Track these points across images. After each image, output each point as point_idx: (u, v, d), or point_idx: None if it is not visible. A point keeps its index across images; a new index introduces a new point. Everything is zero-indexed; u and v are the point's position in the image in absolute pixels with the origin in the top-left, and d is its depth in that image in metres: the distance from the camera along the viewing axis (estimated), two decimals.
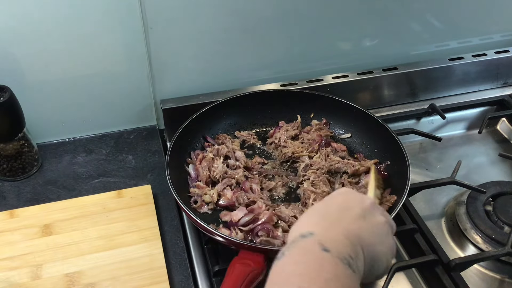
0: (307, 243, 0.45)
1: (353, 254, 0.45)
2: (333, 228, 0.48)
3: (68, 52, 0.90)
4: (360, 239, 0.49)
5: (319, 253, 0.43)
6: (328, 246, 0.44)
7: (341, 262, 0.43)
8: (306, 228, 0.47)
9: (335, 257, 0.43)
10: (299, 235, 0.47)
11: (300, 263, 0.42)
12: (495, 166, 1.02)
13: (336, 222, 0.49)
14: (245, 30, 0.98)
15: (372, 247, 0.50)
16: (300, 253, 0.44)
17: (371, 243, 0.50)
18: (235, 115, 0.99)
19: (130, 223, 0.83)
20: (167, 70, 0.98)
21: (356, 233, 0.49)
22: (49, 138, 1.01)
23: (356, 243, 0.48)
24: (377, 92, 1.10)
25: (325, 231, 0.47)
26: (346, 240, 0.47)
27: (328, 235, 0.46)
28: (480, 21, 1.13)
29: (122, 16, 0.88)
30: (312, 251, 0.44)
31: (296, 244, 0.45)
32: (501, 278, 0.82)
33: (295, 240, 0.46)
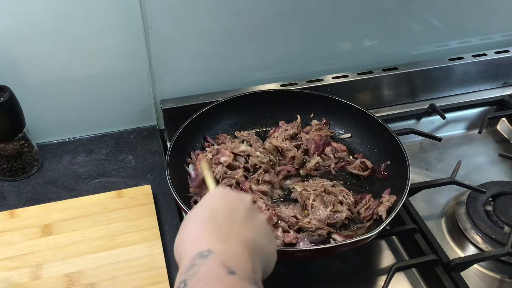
0: (210, 266, 0.41)
1: (254, 268, 0.44)
2: (230, 240, 0.46)
3: (68, 52, 0.90)
4: (255, 243, 0.48)
5: (226, 278, 0.40)
6: (232, 266, 0.41)
7: (248, 283, 0.41)
8: (202, 245, 0.44)
9: (242, 279, 0.41)
10: (196, 255, 0.43)
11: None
12: (495, 166, 1.02)
13: (230, 232, 0.47)
14: (245, 30, 0.98)
15: (265, 249, 0.50)
16: (205, 282, 0.40)
17: (263, 245, 0.50)
18: (235, 115, 0.99)
19: (130, 223, 0.83)
20: (167, 70, 0.98)
21: (251, 239, 0.48)
22: (49, 138, 1.01)
23: (254, 249, 0.47)
24: (377, 92, 1.10)
25: (223, 246, 0.44)
26: (245, 253, 0.45)
27: (228, 249, 0.44)
28: (480, 21, 1.13)
29: (122, 16, 0.88)
30: (217, 276, 0.40)
31: (198, 268, 0.41)
32: (501, 278, 0.82)
33: (194, 263, 0.42)
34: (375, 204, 0.84)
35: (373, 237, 0.75)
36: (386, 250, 0.85)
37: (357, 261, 0.84)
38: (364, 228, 0.82)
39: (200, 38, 0.96)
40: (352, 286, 0.81)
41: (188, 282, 0.41)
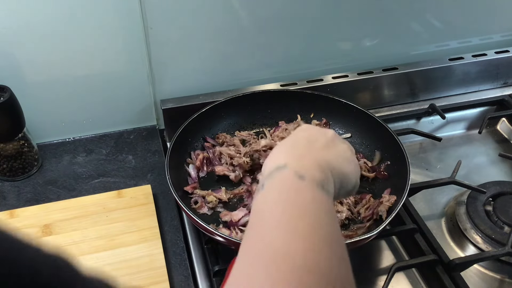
0: (284, 173, 0.49)
1: (325, 179, 0.50)
2: (305, 157, 0.52)
3: (68, 52, 0.90)
4: (328, 163, 0.53)
5: (296, 181, 0.47)
6: (303, 174, 0.48)
7: (316, 186, 0.48)
8: (280, 160, 0.51)
9: (310, 182, 0.48)
10: (274, 168, 0.50)
11: (281, 192, 0.47)
12: (495, 166, 1.02)
13: (306, 152, 0.54)
14: (245, 30, 0.98)
15: (339, 169, 0.55)
16: (279, 183, 0.48)
17: (338, 166, 0.55)
18: (235, 115, 0.99)
19: (130, 223, 0.83)
20: (167, 70, 0.98)
21: (324, 159, 0.53)
22: (49, 138, 1.01)
23: (326, 167, 0.52)
24: (377, 92, 1.10)
25: (298, 161, 0.51)
26: (317, 167, 0.51)
27: (301, 164, 0.50)
28: (480, 21, 1.13)
29: (122, 16, 0.88)
30: (289, 179, 0.48)
31: (274, 175, 0.49)
32: (501, 278, 0.82)
33: (272, 173, 0.49)
34: (375, 204, 0.84)
35: (373, 237, 0.75)
36: (386, 250, 0.85)
37: (357, 261, 0.83)
38: (364, 228, 0.82)
39: (200, 38, 0.96)
40: None
41: (265, 185, 0.48)
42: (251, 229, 0.45)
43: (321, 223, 0.44)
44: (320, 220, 0.44)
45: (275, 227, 0.42)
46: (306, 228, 0.42)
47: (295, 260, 0.39)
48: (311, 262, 0.40)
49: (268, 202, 0.46)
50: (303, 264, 0.39)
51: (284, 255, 0.39)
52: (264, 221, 0.44)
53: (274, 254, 0.39)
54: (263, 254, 0.40)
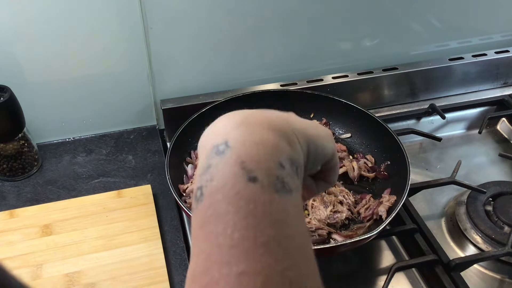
0: (226, 168, 0.35)
1: (283, 156, 0.36)
2: (251, 121, 0.38)
3: (68, 52, 0.90)
4: (285, 121, 0.40)
5: (247, 190, 0.34)
6: (253, 167, 0.34)
7: (275, 192, 0.34)
8: (220, 135, 0.37)
9: (266, 188, 0.34)
10: (212, 150, 0.36)
11: (227, 220, 0.33)
12: (495, 166, 1.02)
13: (254, 114, 0.40)
14: (245, 30, 0.97)
15: (304, 130, 0.41)
16: (223, 195, 0.34)
17: (301, 127, 0.41)
18: None
19: (130, 223, 0.83)
20: (167, 70, 0.98)
21: (278, 117, 0.40)
22: (49, 138, 1.01)
23: (284, 126, 0.39)
24: (377, 92, 1.10)
25: (243, 133, 0.37)
26: (269, 134, 0.37)
27: (247, 138, 0.36)
28: (480, 21, 1.13)
29: (122, 16, 0.88)
30: (236, 187, 0.34)
31: (214, 171, 0.35)
32: (501, 278, 0.82)
33: (210, 164, 0.36)
34: (375, 204, 0.84)
35: (373, 237, 0.75)
36: (386, 250, 0.85)
37: (357, 261, 0.84)
38: (364, 228, 0.82)
39: (200, 38, 0.96)
40: (352, 286, 0.81)
41: (204, 191, 0.35)
42: (193, 280, 0.33)
43: (292, 247, 0.33)
44: (293, 254, 0.33)
45: (229, 273, 0.31)
46: (275, 263, 0.31)
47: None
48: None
49: (212, 235, 0.33)
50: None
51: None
52: (210, 273, 0.31)
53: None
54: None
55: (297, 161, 0.38)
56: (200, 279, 0.32)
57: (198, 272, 0.33)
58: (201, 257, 0.33)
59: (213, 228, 0.33)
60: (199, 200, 0.35)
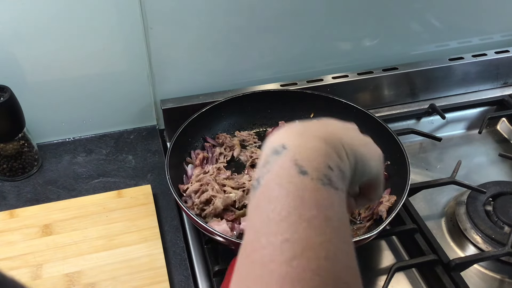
0: (281, 163, 0.40)
1: (332, 163, 0.42)
2: (308, 133, 0.43)
3: (68, 52, 0.90)
4: (340, 137, 0.45)
5: (297, 180, 0.39)
6: (304, 165, 0.40)
7: (321, 184, 0.39)
8: (279, 139, 0.42)
9: (314, 180, 0.39)
10: (271, 151, 0.42)
11: (278, 200, 0.38)
12: (495, 166, 1.02)
13: (313, 127, 0.45)
14: (245, 30, 0.97)
15: (354, 147, 0.46)
16: (276, 183, 0.39)
17: (353, 143, 0.46)
18: (235, 115, 0.99)
19: (130, 223, 0.83)
20: (167, 70, 0.98)
21: (335, 134, 0.45)
22: (49, 138, 1.01)
23: (335, 141, 0.44)
24: (377, 92, 1.10)
25: (298, 140, 0.42)
26: (323, 145, 0.42)
27: (303, 144, 0.42)
28: (480, 21, 1.13)
29: (122, 16, 0.88)
30: (288, 176, 0.39)
31: (271, 166, 0.41)
32: (501, 278, 0.82)
33: (268, 160, 0.41)
34: (375, 204, 0.84)
35: (373, 237, 0.75)
36: (386, 250, 0.85)
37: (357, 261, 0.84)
38: (364, 228, 0.82)
39: (200, 38, 0.96)
40: None
41: (261, 181, 0.41)
42: (244, 252, 0.38)
43: (331, 240, 0.37)
44: (330, 233, 0.37)
45: (272, 258, 0.35)
46: (315, 235, 0.36)
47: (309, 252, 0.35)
48: (327, 252, 0.36)
49: (263, 213, 0.38)
50: (320, 255, 0.35)
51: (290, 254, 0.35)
52: (260, 242, 0.37)
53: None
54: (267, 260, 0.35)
55: (344, 170, 0.43)
56: (250, 246, 0.38)
57: (248, 241, 0.38)
58: (252, 231, 0.38)
59: (264, 207, 0.39)
60: (256, 188, 0.41)
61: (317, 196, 0.39)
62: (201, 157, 0.90)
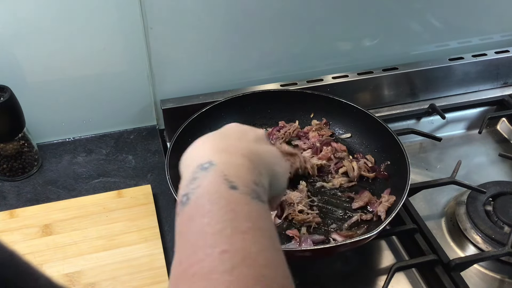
0: (211, 179, 0.41)
1: (257, 179, 0.44)
2: (232, 150, 0.45)
3: (68, 52, 0.90)
4: (259, 157, 0.48)
5: (228, 194, 0.40)
6: (234, 180, 0.41)
7: (251, 198, 0.41)
8: (204, 157, 0.44)
9: (244, 194, 0.41)
10: (198, 167, 0.43)
11: (211, 214, 0.39)
12: (495, 166, 1.02)
13: (234, 143, 0.47)
14: (245, 30, 0.97)
15: (270, 166, 0.49)
16: (207, 199, 0.40)
17: (269, 162, 0.49)
18: (235, 115, 0.98)
19: (130, 223, 0.83)
20: (167, 70, 0.98)
21: (255, 152, 0.47)
22: (49, 138, 1.01)
23: (257, 161, 0.46)
24: (377, 92, 1.10)
25: (225, 156, 0.44)
26: (247, 162, 0.45)
27: (229, 160, 0.44)
28: (480, 21, 1.13)
29: (122, 16, 0.88)
30: (219, 191, 0.40)
31: (200, 182, 0.41)
32: (501, 278, 0.82)
33: (196, 176, 0.42)
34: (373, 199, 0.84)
35: (373, 237, 0.75)
36: (386, 250, 0.85)
37: (357, 261, 0.84)
38: (364, 228, 0.82)
39: (200, 38, 0.96)
40: (352, 286, 0.81)
41: (190, 196, 0.41)
42: (180, 266, 0.37)
43: (267, 248, 0.38)
44: (265, 242, 0.38)
45: (212, 269, 0.35)
46: (252, 246, 0.37)
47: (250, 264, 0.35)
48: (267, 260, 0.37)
49: (198, 227, 0.38)
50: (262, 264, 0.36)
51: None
52: (197, 255, 0.36)
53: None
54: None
55: (265, 186, 0.46)
56: (187, 261, 0.37)
57: (184, 257, 0.38)
58: (187, 246, 0.38)
59: (198, 221, 0.39)
60: (185, 204, 0.41)
61: (249, 209, 0.40)
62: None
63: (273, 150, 0.53)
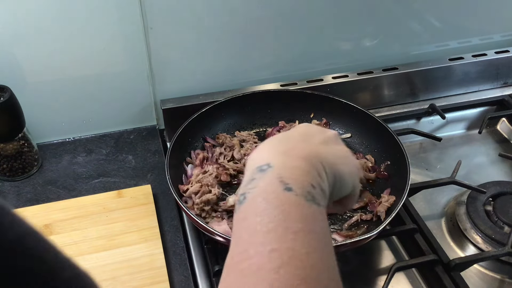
0: (267, 181, 0.43)
1: (314, 181, 0.44)
2: (293, 153, 0.46)
3: (68, 52, 0.90)
4: (321, 157, 0.47)
5: (282, 195, 0.41)
6: (289, 182, 0.42)
7: (305, 200, 0.42)
8: (263, 158, 0.45)
9: (299, 196, 0.42)
10: (256, 169, 0.44)
11: (264, 213, 0.40)
12: (495, 166, 1.02)
13: (296, 146, 0.47)
14: (245, 30, 0.98)
15: (334, 166, 0.48)
16: (263, 198, 0.41)
17: (332, 162, 0.48)
18: (235, 115, 0.99)
19: (130, 223, 0.83)
20: (167, 70, 0.98)
21: (316, 153, 0.47)
22: (49, 138, 1.01)
23: (316, 161, 0.46)
24: (377, 92, 1.10)
25: (283, 159, 0.45)
26: (305, 164, 0.45)
27: (287, 162, 0.44)
28: (480, 21, 1.13)
29: (122, 16, 0.88)
30: (274, 192, 0.42)
31: (257, 183, 0.43)
32: (501, 278, 0.82)
33: (254, 177, 0.44)
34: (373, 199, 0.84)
35: (373, 237, 0.75)
36: (386, 250, 0.85)
37: (357, 261, 0.84)
38: (364, 228, 0.82)
39: (200, 38, 0.96)
40: (352, 286, 0.81)
41: (247, 196, 0.43)
42: (233, 260, 0.40)
43: (316, 250, 0.39)
44: (315, 245, 0.39)
45: (260, 266, 0.37)
46: (301, 246, 0.38)
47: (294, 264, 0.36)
48: (312, 261, 0.38)
49: (251, 225, 0.40)
50: (305, 265, 0.37)
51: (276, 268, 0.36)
52: (248, 252, 0.38)
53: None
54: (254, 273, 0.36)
55: (324, 189, 0.46)
56: (238, 256, 0.39)
57: (236, 252, 0.40)
58: (240, 242, 0.40)
59: (251, 220, 0.40)
60: (241, 202, 0.43)
61: (302, 210, 0.41)
62: (201, 157, 0.90)
63: (340, 150, 0.52)
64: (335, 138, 0.54)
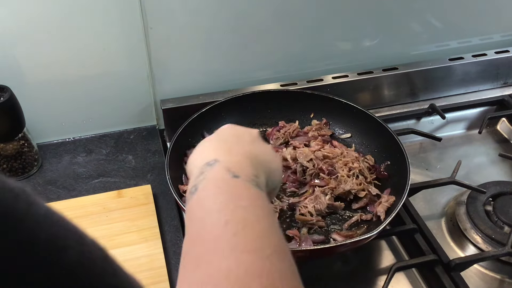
0: (216, 171, 0.47)
1: (256, 173, 0.49)
2: (234, 152, 0.51)
3: (68, 52, 0.90)
4: (257, 158, 0.53)
5: (231, 181, 0.46)
6: (236, 171, 0.47)
7: (251, 184, 0.47)
8: (209, 156, 0.49)
9: (245, 181, 0.46)
10: (204, 164, 0.48)
11: (217, 195, 0.44)
12: (495, 166, 1.02)
13: (234, 146, 0.53)
14: (245, 30, 0.98)
15: (266, 164, 0.54)
16: (213, 183, 0.46)
17: (265, 160, 0.54)
18: (235, 115, 0.99)
19: (130, 223, 0.83)
20: (167, 70, 0.98)
21: (254, 154, 0.53)
22: (49, 138, 1.01)
23: (255, 162, 0.51)
24: (377, 92, 1.10)
25: (228, 156, 0.50)
26: (247, 161, 0.50)
27: (232, 159, 0.49)
28: (480, 21, 1.13)
29: (122, 16, 0.88)
30: (224, 179, 0.46)
31: (206, 174, 0.47)
32: (501, 278, 0.82)
33: (203, 171, 0.48)
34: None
35: (373, 237, 0.75)
36: (386, 250, 0.85)
37: (357, 261, 0.84)
38: (364, 228, 0.82)
39: (200, 38, 0.96)
40: (352, 286, 0.81)
41: (198, 186, 0.46)
42: (192, 238, 0.43)
43: (265, 219, 0.43)
44: (263, 216, 0.44)
45: (219, 235, 0.40)
46: (254, 229, 0.41)
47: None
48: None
49: (205, 207, 0.44)
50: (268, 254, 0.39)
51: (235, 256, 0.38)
52: (205, 228, 0.42)
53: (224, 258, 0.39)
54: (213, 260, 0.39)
55: (263, 182, 0.51)
56: (196, 235, 0.43)
57: (194, 233, 0.43)
58: (197, 222, 0.44)
59: (205, 203, 0.45)
60: (193, 193, 0.46)
61: (250, 191, 0.46)
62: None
63: (266, 148, 0.59)
64: (259, 136, 0.59)
